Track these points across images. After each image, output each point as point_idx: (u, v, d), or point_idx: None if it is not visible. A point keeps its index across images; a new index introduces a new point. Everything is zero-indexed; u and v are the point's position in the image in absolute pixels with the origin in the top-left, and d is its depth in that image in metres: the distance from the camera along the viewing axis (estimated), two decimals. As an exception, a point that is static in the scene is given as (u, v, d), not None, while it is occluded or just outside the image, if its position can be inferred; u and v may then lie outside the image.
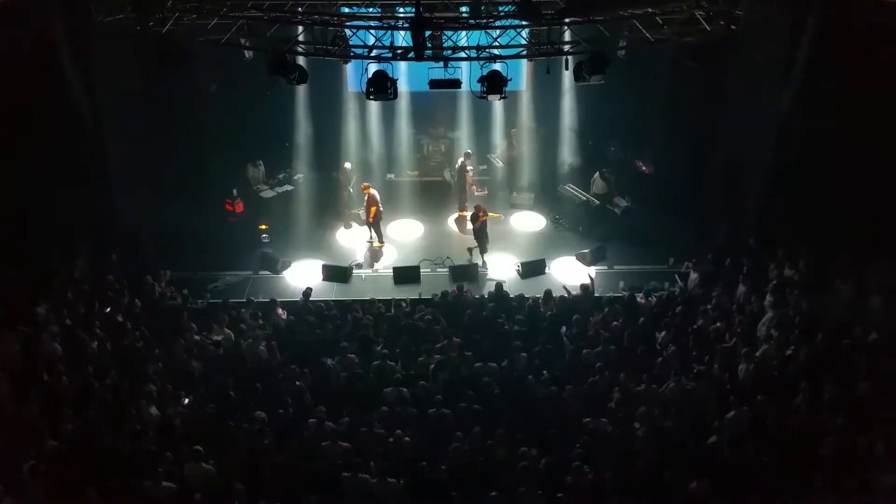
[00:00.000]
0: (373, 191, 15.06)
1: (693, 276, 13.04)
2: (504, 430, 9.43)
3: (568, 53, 11.22)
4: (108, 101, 12.99)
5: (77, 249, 12.92)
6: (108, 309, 11.80)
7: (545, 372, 10.62)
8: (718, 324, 11.46)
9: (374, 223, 15.09)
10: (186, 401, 10.22)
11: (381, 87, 10.76)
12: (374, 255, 15.03)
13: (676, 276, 13.59)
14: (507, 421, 9.66)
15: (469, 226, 14.89)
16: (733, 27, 10.71)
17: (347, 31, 11.41)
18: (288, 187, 16.10)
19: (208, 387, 10.49)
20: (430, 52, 10.50)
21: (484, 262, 14.42)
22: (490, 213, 14.86)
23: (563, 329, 11.77)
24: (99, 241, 13.15)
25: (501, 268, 14.34)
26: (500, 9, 11.55)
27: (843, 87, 11.72)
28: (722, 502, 8.27)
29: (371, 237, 15.26)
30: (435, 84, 11.07)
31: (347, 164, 16.25)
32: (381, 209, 15.05)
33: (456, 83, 11.02)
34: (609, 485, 8.60)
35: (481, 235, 14.41)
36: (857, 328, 10.40)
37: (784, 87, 12.53)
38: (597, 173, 15.88)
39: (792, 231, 12.76)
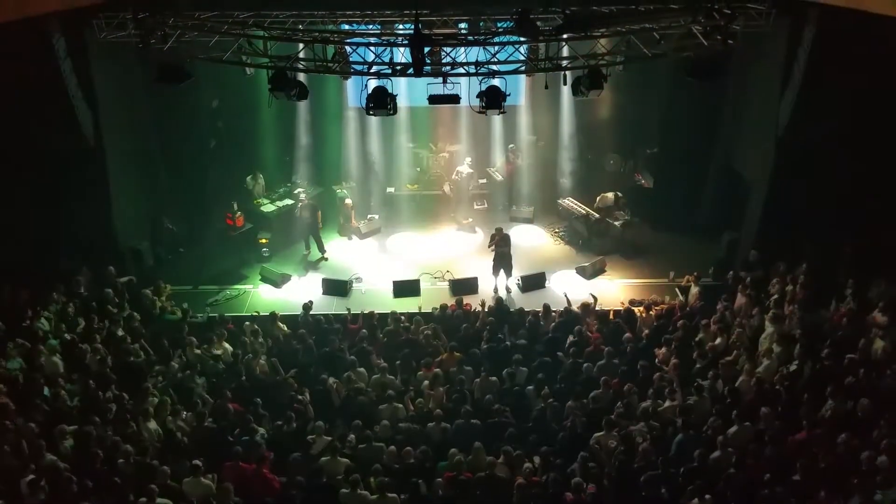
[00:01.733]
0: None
1: (694, 289, 13.03)
2: (505, 446, 9.41)
3: (566, 69, 11.28)
4: (109, 117, 13.07)
5: (77, 263, 12.95)
6: (108, 323, 11.80)
7: (546, 387, 10.61)
8: (719, 338, 11.44)
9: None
10: (184, 415, 10.18)
11: (381, 103, 10.81)
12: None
13: (677, 289, 13.56)
14: (508, 436, 9.63)
15: None
16: (730, 42, 10.77)
17: (347, 48, 11.50)
18: (288, 201, 16.14)
19: (207, 401, 10.47)
20: (429, 67, 10.55)
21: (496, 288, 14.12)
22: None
23: (569, 341, 11.76)
24: (99, 256, 13.18)
25: (501, 282, 14.32)
26: (499, 25, 11.63)
27: (840, 100, 11.76)
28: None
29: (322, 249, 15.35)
30: (434, 99, 11.11)
31: (348, 195, 16.40)
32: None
33: (455, 98, 11.05)
34: (610, 501, 8.56)
35: (496, 258, 14.00)
36: (859, 342, 10.38)
37: (782, 101, 12.57)
38: (611, 193, 15.81)
39: (793, 245, 12.76)
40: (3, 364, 10.29)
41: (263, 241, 15.26)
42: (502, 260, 13.99)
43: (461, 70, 10.85)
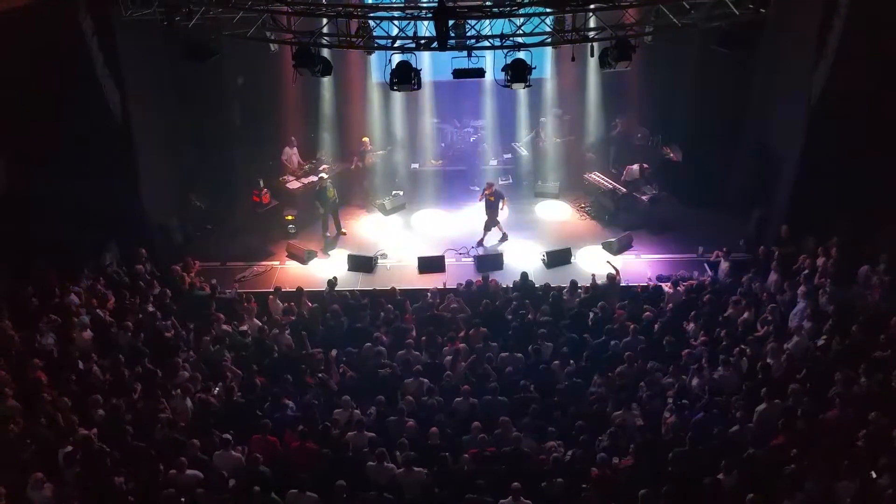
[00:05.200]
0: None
1: (723, 265, 12.86)
2: (530, 421, 9.43)
3: (593, 40, 11.07)
4: (135, 95, 13.16)
5: (107, 240, 13.16)
6: (139, 299, 12.00)
7: (571, 362, 10.59)
8: (748, 314, 11.29)
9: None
10: (216, 390, 10.35)
11: (405, 78, 10.73)
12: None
13: (706, 265, 13.40)
14: (533, 411, 9.65)
15: None
16: (762, 11, 10.47)
17: (371, 22, 11.40)
18: (313, 178, 16.16)
19: (237, 376, 10.62)
20: (453, 41, 10.43)
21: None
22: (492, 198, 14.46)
23: (591, 317, 11.71)
24: (128, 232, 13.38)
25: (527, 257, 14.26)
26: (524, -4, 11.41)
27: (875, 71, 11.43)
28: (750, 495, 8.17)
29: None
30: (459, 73, 11.00)
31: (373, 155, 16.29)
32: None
33: (480, 72, 10.93)
34: (635, 476, 8.56)
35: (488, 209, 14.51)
36: (891, 319, 10.18)
37: (815, 72, 12.23)
38: (636, 165, 15.60)
39: (824, 219, 12.50)
40: (38, 339, 10.53)
41: (290, 217, 15.35)
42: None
43: (486, 43, 10.71)
